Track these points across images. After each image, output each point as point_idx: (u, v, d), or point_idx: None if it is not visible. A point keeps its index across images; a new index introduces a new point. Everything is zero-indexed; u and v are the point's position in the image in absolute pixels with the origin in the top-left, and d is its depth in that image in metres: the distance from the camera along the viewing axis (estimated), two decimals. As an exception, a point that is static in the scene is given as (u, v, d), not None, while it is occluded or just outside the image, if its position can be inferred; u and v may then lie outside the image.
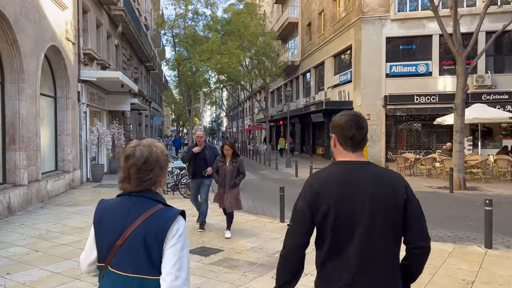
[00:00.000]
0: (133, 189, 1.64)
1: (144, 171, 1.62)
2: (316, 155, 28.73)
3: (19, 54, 8.84)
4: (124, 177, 1.66)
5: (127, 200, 1.65)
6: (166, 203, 1.67)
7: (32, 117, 9.57)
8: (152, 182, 1.66)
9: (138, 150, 1.64)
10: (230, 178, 6.61)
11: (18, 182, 8.94)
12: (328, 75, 25.28)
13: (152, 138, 15.42)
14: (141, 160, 1.62)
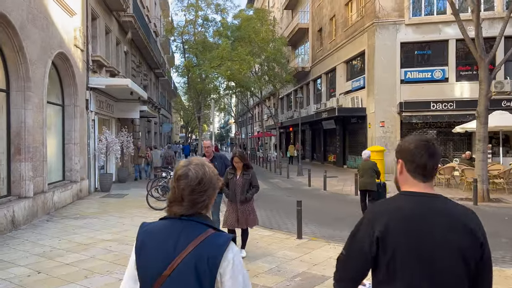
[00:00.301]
0: (184, 212, 1.54)
1: (198, 192, 1.54)
2: (327, 162, 28.19)
3: (25, 61, 8.54)
4: (175, 199, 1.56)
5: (175, 224, 1.54)
6: (216, 228, 1.56)
7: (38, 126, 9.24)
8: (204, 205, 1.57)
9: (192, 170, 1.55)
10: (241, 192, 5.99)
11: (23, 194, 8.60)
12: (340, 81, 24.81)
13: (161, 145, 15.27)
14: (195, 181, 1.54)
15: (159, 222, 1.60)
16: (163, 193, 11.45)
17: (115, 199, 12.39)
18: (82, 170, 12.51)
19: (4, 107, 8.48)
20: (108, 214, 9.73)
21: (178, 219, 1.54)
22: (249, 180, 6.06)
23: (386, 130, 19.74)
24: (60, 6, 10.69)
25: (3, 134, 8.45)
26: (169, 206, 1.59)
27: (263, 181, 18.36)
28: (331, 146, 27.95)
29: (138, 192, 14.03)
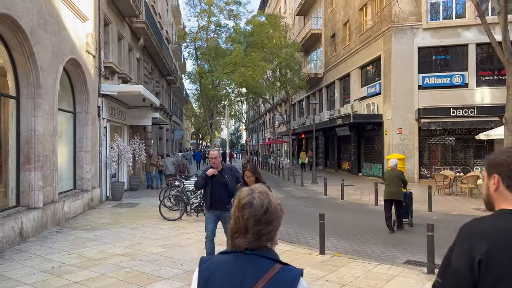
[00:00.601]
0: (249, 245, 1.46)
1: (263, 222, 1.46)
2: (341, 170, 27.61)
3: (35, 67, 8.27)
4: (238, 230, 1.47)
5: (240, 260, 1.46)
6: (283, 262, 1.47)
7: (49, 134, 8.96)
8: (270, 237, 1.49)
9: (257, 198, 1.48)
10: None
11: (32, 204, 8.29)
12: (354, 87, 24.32)
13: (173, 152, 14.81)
14: (261, 210, 1.46)
15: (221, 257, 1.51)
16: (176, 203, 11.07)
17: (126, 208, 12.06)
18: (93, 179, 12.21)
19: (14, 114, 8.21)
20: (119, 225, 9.38)
21: (242, 253, 1.45)
22: None
23: (404, 137, 19.17)
24: (72, 11, 10.47)
25: (12, 142, 8.18)
26: (233, 239, 1.49)
27: (277, 189, 17.90)
28: (345, 153, 27.39)
29: (150, 201, 13.70)
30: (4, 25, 7.35)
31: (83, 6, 11.15)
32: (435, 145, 19.70)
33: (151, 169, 17.53)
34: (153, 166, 17.07)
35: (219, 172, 5.84)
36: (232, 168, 6.18)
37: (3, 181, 8.05)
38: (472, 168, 18.52)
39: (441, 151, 19.63)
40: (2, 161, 8.03)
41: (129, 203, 13.15)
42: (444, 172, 15.77)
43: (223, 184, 5.79)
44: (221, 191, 5.79)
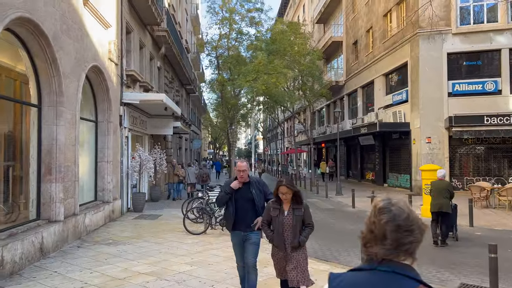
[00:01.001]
0: (386, 255, 1.29)
1: (404, 230, 1.29)
2: (365, 180, 26.79)
3: (58, 74, 7.95)
4: (375, 236, 1.31)
5: (378, 278, 1.25)
6: (427, 284, 1.25)
7: (70, 144, 8.62)
8: (410, 250, 1.30)
9: (395, 205, 1.34)
10: (292, 235, 4.34)
11: (53, 217, 7.91)
12: (378, 95, 23.61)
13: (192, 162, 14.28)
14: (402, 216, 1.32)
15: (352, 274, 1.36)
16: (199, 215, 10.58)
17: (148, 220, 11.63)
18: (114, 190, 11.85)
19: (35, 123, 7.89)
20: (142, 239, 8.93)
21: (376, 271, 1.29)
22: (301, 217, 4.40)
23: (433, 146, 18.35)
24: (95, 17, 10.20)
25: (34, 152, 7.85)
26: (366, 247, 1.36)
27: (301, 201, 17.28)
28: (369, 163, 26.57)
29: (172, 212, 13.27)
30: (26, 30, 7.05)
31: (106, 12, 10.90)
32: (467, 154, 18.81)
33: (175, 179, 17.03)
34: (176, 176, 16.55)
35: (245, 186, 4.92)
36: (260, 182, 5.15)
37: (24, 193, 7.71)
38: (507, 179, 17.56)
39: (473, 161, 18.72)
40: (23, 172, 7.70)
41: (151, 214, 12.74)
42: (480, 184, 14.91)
43: (249, 199, 4.85)
44: (246, 208, 4.85)
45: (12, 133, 7.41)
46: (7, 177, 7.20)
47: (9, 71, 7.24)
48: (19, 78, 7.57)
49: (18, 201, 7.57)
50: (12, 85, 7.42)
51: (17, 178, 7.54)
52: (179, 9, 27.44)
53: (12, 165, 7.42)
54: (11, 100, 7.17)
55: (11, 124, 7.37)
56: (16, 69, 7.47)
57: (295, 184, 4.71)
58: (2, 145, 7.09)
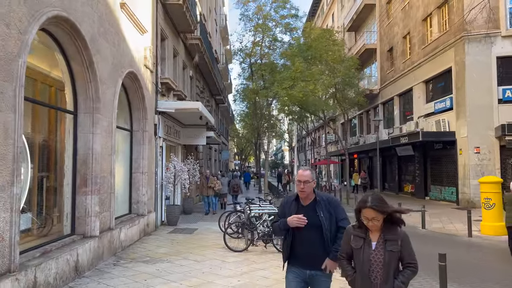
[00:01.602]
0: None
1: None
2: (403, 193, 25.46)
3: (94, 79, 7.47)
4: None
5: None
6: None
7: (107, 153, 8.10)
8: None
9: None
10: (384, 276, 2.99)
11: (88, 232, 7.35)
12: (418, 103, 22.45)
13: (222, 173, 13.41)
14: None
15: None
16: (238, 229, 9.82)
17: (184, 235, 10.98)
18: (149, 202, 11.29)
19: (71, 131, 7.40)
20: (181, 257, 8.26)
21: None
22: (397, 253, 3.02)
23: (482, 156, 17.08)
24: (132, 21, 9.77)
25: (69, 162, 7.35)
26: None
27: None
28: (407, 175, 25.27)
29: (207, 226, 12.61)
30: (62, 30, 6.58)
31: (141, 17, 10.48)
32: (520, 165, 17.42)
33: (209, 192, 15.73)
34: (211, 189, 15.64)
35: (309, 206, 3.57)
36: (332, 200, 3.66)
37: (58, 206, 7.19)
38: None
39: (528, 172, 17.30)
40: (57, 184, 7.19)
41: (186, 228, 12.10)
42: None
43: (315, 225, 3.50)
44: (310, 238, 3.52)
45: (47, 142, 6.93)
46: (41, 189, 6.71)
47: (44, 76, 6.78)
48: (54, 84, 7.11)
49: (52, 214, 7.06)
50: (47, 91, 6.96)
51: (51, 189, 7.03)
52: (209, 19, 27.23)
53: (46, 176, 6.93)
54: (46, 106, 6.69)
55: (46, 132, 6.89)
56: (52, 74, 7.02)
57: None
58: (36, 154, 6.60)
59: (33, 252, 5.79)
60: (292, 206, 3.61)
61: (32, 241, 6.23)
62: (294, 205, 3.62)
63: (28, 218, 6.38)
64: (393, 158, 26.95)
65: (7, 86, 4.86)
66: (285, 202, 3.77)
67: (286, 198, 3.85)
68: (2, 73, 4.78)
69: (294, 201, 3.64)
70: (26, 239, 6.09)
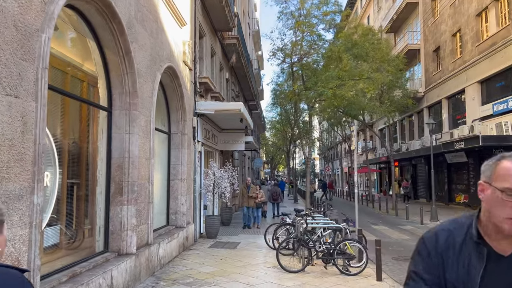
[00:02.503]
0: None
1: None
2: (454, 203, 23.44)
3: (131, 70, 6.43)
4: None
5: None
6: None
7: (144, 157, 7.04)
8: None
9: None
10: None
11: (124, 249, 6.26)
12: (472, 106, 20.57)
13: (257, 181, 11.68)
14: None
15: None
16: (296, 246, 8.45)
17: (227, 250, 9.78)
18: (188, 213, 10.18)
19: (104, 130, 6.37)
20: (230, 278, 7.04)
21: None
22: None
23: (555, 163, 15.09)
24: (171, 11, 8.77)
25: (102, 167, 6.31)
26: None
27: (393, 228, 14.76)
28: (459, 184, 23.26)
29: (250, 240, 11.39)
30: (95, 9, 5.57)
31: (180, 8, 9.48)
32: None
33: (250, 203, 13.72)
34: (251, 199, 13.76)
35: (506, 260, 1.42)
36: None
37: (89, 218, 6.14)
38: None
39: None
40: (89, 192, 6.16)
41: (227, 242, 10.92)
42: None
43: None
44: None
45: (77, 143, 5.93)
46: (70, 198, 5.68)
47: (73, 65, 5.79)
48: (85, 75, 6.12)
49: (82, 228, 6.02)
50: (76, 83, 5.96)
51: (81, 199, 6.01)
52: (243, 22, 26.35)
53: (77, 182, 5.91)
54: (76, 99, 5.67)
55: (76, 131, 5.89)
56: (82, 64, 6.02)
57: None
58: (66, 158, 5.59)
59: (59, 276, 4.72)
60: (469, 260, 1.47)
61: (58, 260, 5.19)
62: (474, 256, 1.46)
63: (55, 232, 5.36)
64: (442, 166, 24.97)
65: (26, 66, 3.82)
66: (440, 244, 1.52)
67: (440, 234, 1.53)
68: (20, 50, 3.74)
69: (474, 246, 1.47)
70: (51, 257, 5.06)
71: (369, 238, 9.83)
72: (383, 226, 15.39)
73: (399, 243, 11.48)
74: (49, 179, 5.25)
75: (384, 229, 14.56)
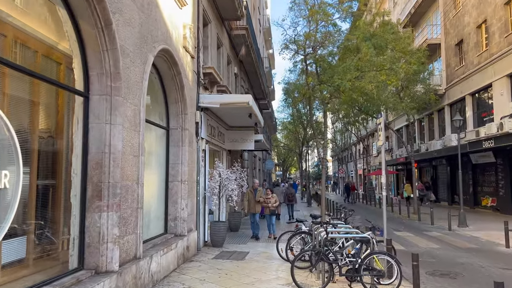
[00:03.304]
0: None
1: None
2: (480, 207, 21.82)
3: (113, 46, 5.26)
4: None
5: None
6: None
7: (131, 153, 5.85)
8: None
9: None
10: None
11: (102, 266, 5.07)
12: (500, 102, 19.02)
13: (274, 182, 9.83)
14: None
15: None
16: (314, 260, 7.11)
17: (233, 262, 8.54)
18: (190, 218, 8.98)
19: (80, 120, 5.20)
20: (234, 301, 5.81)
21: None
22: None
23: None
24: (168, -14, 7.61)
25: (77, 165, 5.14)
26: None
27: (418, 235, 13.37)
28: (486, 186, 21.65)
29: (260, 249, 10.16)
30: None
31: (180, -14, 8.32)
32: None
33: (257, 209, 11.98)
34: (259, 204, 11.94)
35: None
36: None
37: (62, 228, 4.98)
38: None
39: None
40: (61, 195, 5.00)
41: (234, 251, 9.68)
42: None
43: None
44: None
45: (47, 136, 4.77)
46: (38, 203, 4.52)
47: (41, 41, 4.62)
48: (55, 53, 4.97)
49: (54, 239, 4.86)
50: (45, 63, 4.80)
51: (52, 204, 4.85)
52: (253, 17, 25.20)
53: (47, 184, 4.75)
54: (44, 80, 4.49)
55: (46, 122, 4.73)
56: (52, 39, 4.87)
57: None
58: (33, 154, 4.44)
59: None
60: None
61: (20, 280, 4.04)
62: None
63: (18, 245, 4.23)
64: (466, 167, 23.36)
65: None
66: None
67: None
68: None
69: None
70: (12, 277, 3.91)
71: (396, 247, 8.52)
72: (406, 232, 14.00)
73: (429, 253, 10.11)
74: (8, 180, 4.09)
75: (409, 236, 13.18)
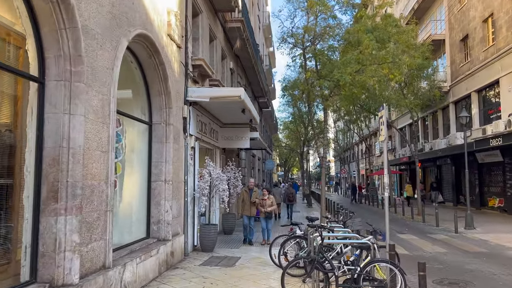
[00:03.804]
0: None
1: None
2: (487, 208, 21.02)
3: (72, 24, 4.55)
4: None
5: None
6: None
7: (99, 149, 5.14)
8: None
9: None
10: None
11: (59, 279, 4.37)
12: (508, 98, 18.24)
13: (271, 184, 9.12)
14: None
15: None
16: (308, 266, 6.34)
17: (221, 269, 7.82)
18: (175, 222, 8.27)
19: (34, 110, 4.50)
20: (215, 317, 5.09)
21: None
22: None
23: None
24: (147, -34, 6.90)
25: (30, 161, 4.44)
26: None
27: (424, 238, 12.63)
28: (492, 186, 20.86)
29: (253, 253, 9.45)
30: None
31: (163, -33, 7.62)
32: None
33: (253, 211, 10.82)
34: (255, 206, 10.80)
35: None
36: None
37: (11, 234, 4.28)
38: None
39: None
40: (11, 196, 4.30)
41: (225, 257, 8.97)
42: None
43: None
44: None
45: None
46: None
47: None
48: (5, 35, 4.28)
49: (2, 247, 4.17)
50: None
51: (2, 206, 4.16)
52: (252, 14, 24.51)
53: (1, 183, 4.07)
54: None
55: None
56: (2, 19, 4.18)
57: None
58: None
59: None
60: None
61: None
62: None
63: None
64: (472, 166, 22.54)
65: None
66: None
67: None
68: None
69: None
70: None
71: (399, 252, 7.79)
72: (410, 235, 13.26)
73: (435, 258, 9.37)
74: None
75: (413, 238, 12.44)
